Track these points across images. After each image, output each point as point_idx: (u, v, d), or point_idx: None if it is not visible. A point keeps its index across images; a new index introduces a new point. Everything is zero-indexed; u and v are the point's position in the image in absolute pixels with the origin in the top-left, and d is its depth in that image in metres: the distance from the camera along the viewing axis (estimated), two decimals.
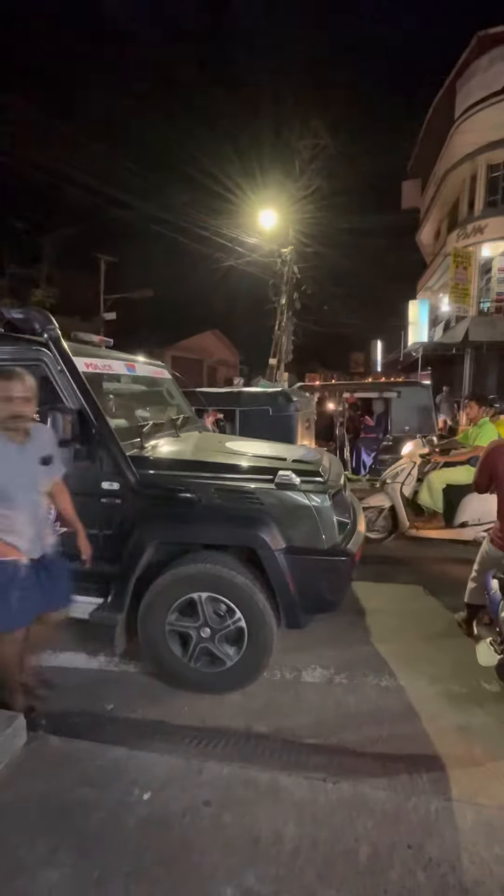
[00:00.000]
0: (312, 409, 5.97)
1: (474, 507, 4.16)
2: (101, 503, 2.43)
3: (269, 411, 4.82)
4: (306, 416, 5.31)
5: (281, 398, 4.85)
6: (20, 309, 2.44)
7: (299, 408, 4.89)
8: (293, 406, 4.80)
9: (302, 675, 2.61)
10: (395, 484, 4.48)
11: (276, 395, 4.86)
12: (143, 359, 3.59)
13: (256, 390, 5.58)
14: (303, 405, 5.07)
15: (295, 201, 13.63)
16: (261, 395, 5.12)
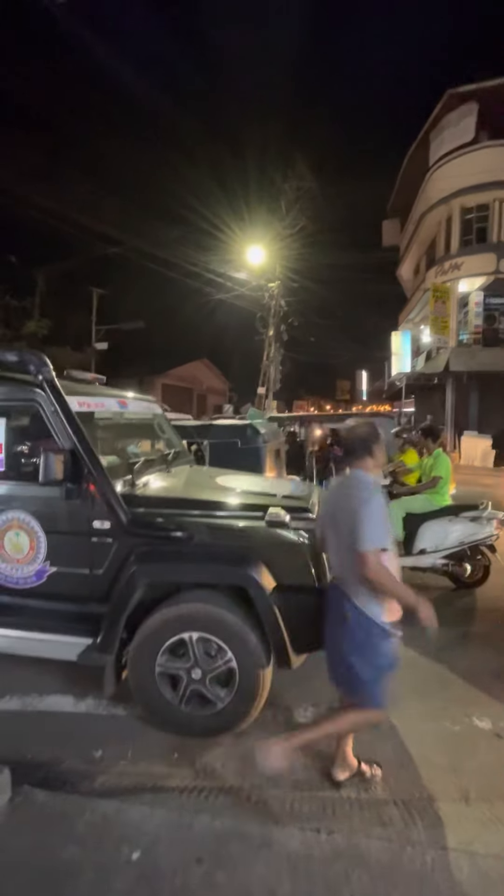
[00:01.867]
0: (281, 440, 6.05)
1: (432, 534, 4.32)
2: (91, 542, 2.43)
3: (238, 443, 4.88)
4: (275, 447, 5.38)
5: (249, 430, 4.92)
6: (15, 351, 2.49)
7: (267, 440, 4.97)
8: (261, 438, 4.89)
9: (294, 715, 2.57)
10: None
11: (245, 427, 4.93)
12: (134, 394, 3.65)
13: (226, 423, 5.63)
14: (271, 437, 5.15)
15: (281, 239, 14.21)
16: (229, 428, 5.18)
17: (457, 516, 4.34)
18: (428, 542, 4.31)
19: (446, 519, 4.34)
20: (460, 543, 4.25)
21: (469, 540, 4.24)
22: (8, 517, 2.51)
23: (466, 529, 4.26)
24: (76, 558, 2.46)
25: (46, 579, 2.51)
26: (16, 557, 2.52)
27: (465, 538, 4.25)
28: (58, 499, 2.41)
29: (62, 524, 2.46)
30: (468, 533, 4.25)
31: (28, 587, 2.54)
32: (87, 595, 2.46)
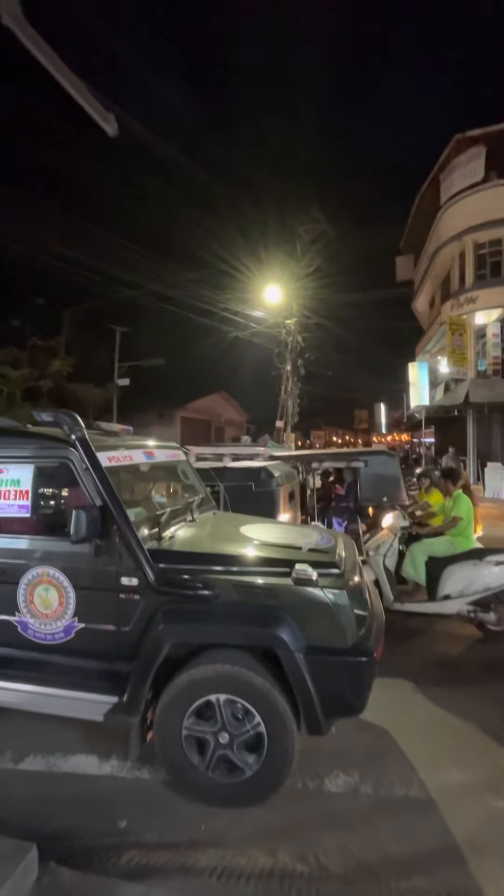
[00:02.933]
0: (295, 481, 6.03)
1: (456, 579, 4.16)
2: (119, 599, 2.44)
3: (252, 486, 4.88)
4: (289, 489, 5.36)
5: (263, 474, 4.92)
6: (50, 412, 2.60)
7: (281, 482, 4.98)
8: (275, 482, 4.89)
9: (325, 784, 2.46)
10: (378, 556, 4.44)
11: (259, 470, 4.93)
12: (159, 442, 3.73)
13: (240, 465, 5.63)
14: (284, 479, 5.15)
15: (297, 279, 14.64)
16: (243, 471, 5.17)
17: (482, 560, 4.20)
18: (452, 587, 4.17)
19: (471, 563, 4.21)
20: (486, 589, 4.10)
21: (496, 585, 4.08)
22: (38, 572, 2.55)
23: (493, 574, 4.11)
24: (104, 615, 2.47)
25: (74, 635, 2.52)
26: (45, 612, 2.54)
27: (491, 583, 4.09)
28: (87, 555, 2.45)
29: (91, 580, 2.49)
30: (495, 578, 4.10)
31: (56, 643, 2.55)
32: (114, 652, 2.45)
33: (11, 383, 17.35)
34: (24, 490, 2.68)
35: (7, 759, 2.61)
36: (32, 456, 2.68)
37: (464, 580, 4.12)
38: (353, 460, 6.33)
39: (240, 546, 2.72)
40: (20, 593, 2.57)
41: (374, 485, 6.09)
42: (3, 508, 2.69)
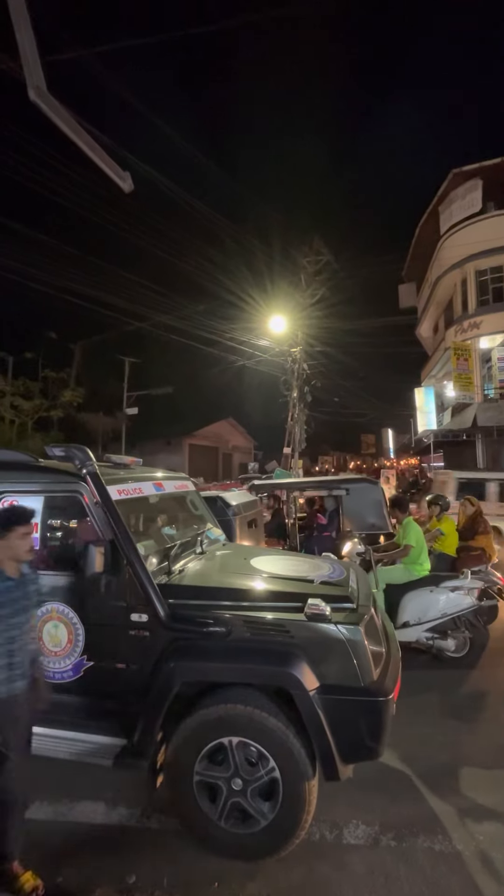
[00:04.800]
0: (257, 509, 6.03)
1: (413, 606, 4.22)
2: (129, 635, 2.40)
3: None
4: (249, 519, 5.35)
5: (220, 503, 4.92)
6: (62, 446, 2.63)
7: (237, 512, 4.98)
8: (231, 510, 4.91)
9: (343, 835, 2.33)
10: None
11: (214, 500, 4.92)
12: (168, 473, 3.74)
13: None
14: (243, 508, 5.15)
15: (302, 309, 14.94)
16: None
17: (437, 586, 4.26)
18: (410, 614, 4.24)
19: (427, 589, 4.27)
20: (443, 615, 4.17)
21: (452, 610, 4.17)
22: (47, 608, 2.53)
23: (448, 600, 4.20)
24: (113, 652, 2.43)
25: (83, 673, 2.47)
26: (53, 650, 2.51)
27: (447, 609, 4.18)
28: (97, 590, 2.43)
29: (100, 616, 2.46)
30: (450, 603, 4.18)
31: (64, 681, 2.50)
32: (124, 692, 2.39)
33: (24, 414, 17.66)
34: (34, 524, 2.68)
35: None
36: (43, 490, 2.71)
37: (421, 607, 4.22)
38: (334, 488, 6.30)
39: (250, 580, 2.69)
40: None
41: (357, 513, 6.05)
42: None
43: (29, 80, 1.39)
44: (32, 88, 1.41)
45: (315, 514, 7.43)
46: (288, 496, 7.13)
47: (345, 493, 6.13)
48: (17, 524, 2.07)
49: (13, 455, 2.93)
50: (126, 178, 1.68)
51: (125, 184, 1.68)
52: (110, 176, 1.64)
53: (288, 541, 6.75)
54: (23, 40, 1.35)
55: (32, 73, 1.40)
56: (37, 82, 1.39)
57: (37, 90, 1.41)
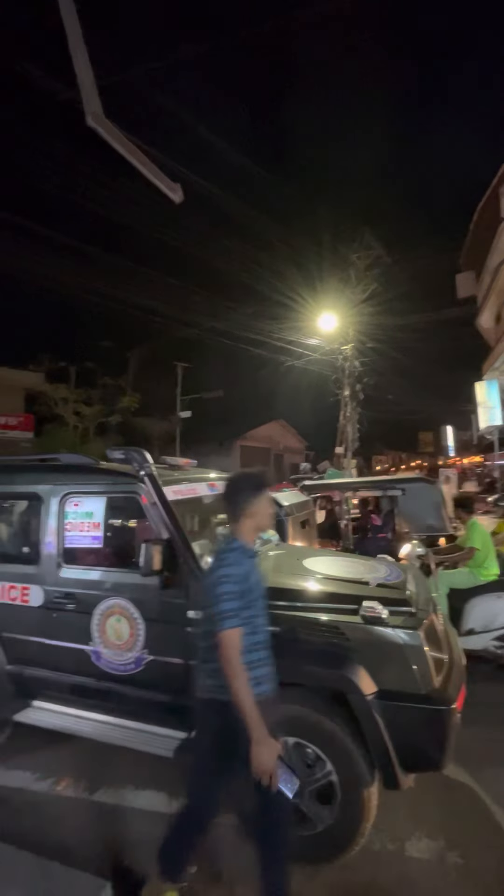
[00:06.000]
0: (310, 510, 5.90)
1: (479, 612, 3.95)
2: (187, 633, 2.47)
3: None
4: (301, 519, 5.28)
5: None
6: (121, 449, 2.78)
7: (290, 512, 4.86)
8: (283, 511, 4.84)
9: (405, 847, 2.25)
10: None
11: None
12: (222, 473, 3.81)
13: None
14: (295, 509, 5.06)
15: (353, 305, 14.62)
16: None
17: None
18: (475, 621, 3.96)
19: (494, 595, 3.99)
20: None
21: None
22: (110, 603, 2.66)
23: None
24: (172, 648, 2.51)
25: (144, 667, 2.57)
26: (117, 643, 2.63)
27: None
28: (156, 588, 2.52)
29: (159, 613, 2.55)
30: None
31: (127, 674, 2.62)
32: (183, 686, 2.45)
33: (86, 420, 18.75)
34: (96, 523, 2.84)
35: (82, 789, 2.68)
36: (104, 490, 2.86)
37: (488, 613, 3.95)
38: (389, 488, 6.08)
39: (304, 580, 2.67)
40: (94, 623, 2.68)
41: (414, 514, 5.80)
42: (78, 540, 2.87)
43: (86, 106, 1.49)
44: (90, 114, 1.50)
45: (369, 515, 7.27)
46: (341, 497, 7.01)
47: (400, 494, 5.94)
48: (266, 487, 1.86)
49: (77, 458, 3.12)
50: (176, 189, 1.74)
51: (176, 195, 1.75)
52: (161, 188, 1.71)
53: (341, 542, 6.64)
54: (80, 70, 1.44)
55: (90, 100, 1.49)
56: (94, 108, 1.48)
57: (94, 115, 1.51)
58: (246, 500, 1.80)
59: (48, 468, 3.10)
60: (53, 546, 2.87)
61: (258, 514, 1.81)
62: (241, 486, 1.86)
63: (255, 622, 1.80)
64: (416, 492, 5.93)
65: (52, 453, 3.28)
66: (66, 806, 2.57)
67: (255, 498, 1.81)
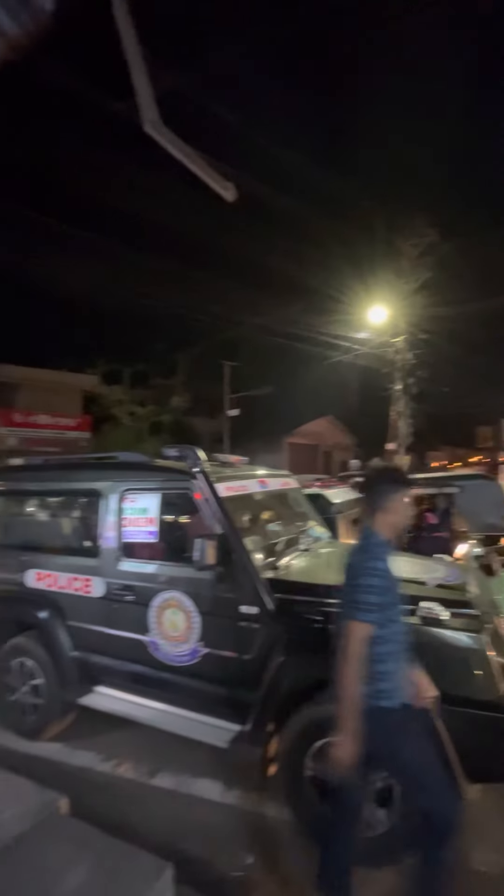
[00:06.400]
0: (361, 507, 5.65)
1: None
2: (239, 626, 2.50)
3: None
4: (352, 517, 5.12)
5: (322, 501, 4.73)
6: (176, 447, 2.86)
7: (341, 509, 4.77)
8: (334, 508, 4.70)
9: (470, 858, 2.15)
10: None
11: (316, 497, 4.74)
12: (271, 470, 3.82)
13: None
14: (346, 507, 4.92)
15: (405, 295, 14.09)
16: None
17: None
18: None
19: None
20: None
21: None
22: (166, 596, 2.75)
23: None
24: (226, 641, 2.55)
25: (199, 659, 2.64)
26: (173, 634, 2.72)
27: None
28: (209, 582, 2.58)
29: (213, 606, 2.60)
30: None
31: (183, 665, 2.69)
32: (237, 680, 2.50)
33: (139, 420, 19.49)
34: (151, 518, 2.95)
35: (143, 773, 2.80)
36: (159, 487, 2.95)
37: None
38: (445, 486, 5.79)
39: None
40: (151, 614, 2.79)
41: (472, 512, 5.50)
42: (134, 535, 2.99)
43: (144, 114, 1.54)
44: (148, 122, 1.55)
45: (423, 514, 7.01)
46: None
47: (457, 491, 5.67)
48: (405, 484, 1.80)
49: (133, 456, 3.25)
50: (229, 188, 1.76)
51: (229, 193, 1.77)
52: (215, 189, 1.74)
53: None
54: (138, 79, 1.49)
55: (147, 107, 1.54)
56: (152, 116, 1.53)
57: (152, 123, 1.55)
58: (383, 496, 1.75)
59: (107, 466, 3.26)
60: (113, 540, 3.01)
61: (395, 510, 1.74)
62: (378, 480, 1.81)
63: (392, 627, 1.70)
64: (474, 489, 5.64)
65: (109, 452, 3.44)
66: (127, 788, 2.69)
67: (392, 493, 1.75)
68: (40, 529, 3.73)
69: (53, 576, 3.19)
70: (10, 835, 1.96)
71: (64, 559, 3.22)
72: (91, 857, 1.86)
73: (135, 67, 1.51)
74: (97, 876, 1.76)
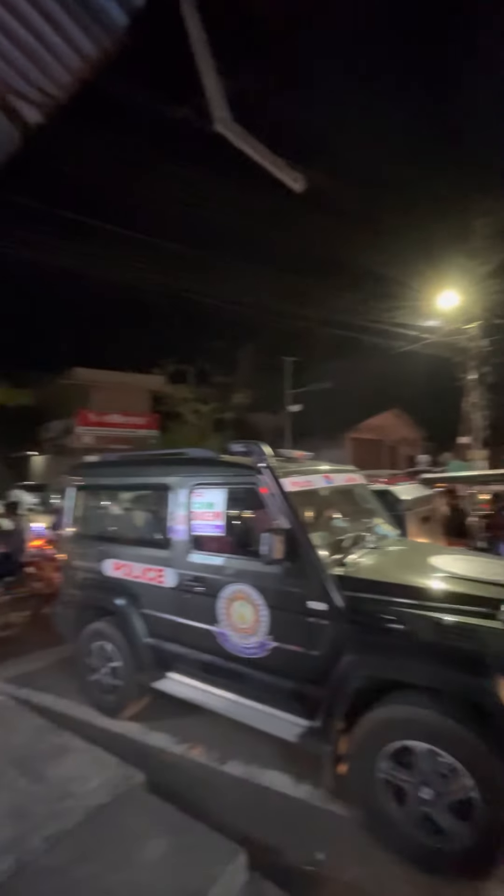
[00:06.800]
0: (432, 505, 5.30)
1: None
2: (307, 622, 2.49)
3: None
4: (422, 515, 4.84)
5: (390, 497, 4.49)
6: (241, 443, 2.90)
7: (410, 506, 4.52)
8: (402, 505, 4.45)
9: None
10: None
11: (384, 493, 4.49)
12: (337, 466, 3.75)
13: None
14: (416, 503, 4.65)
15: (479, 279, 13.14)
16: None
17: None
18: None
19: None
20: None
21: None
22: (234, 588, 2.81)
23: None
24: (294, 636, 2.55)
25: (268, 652, 2.66)
26: (242, 626, 2.76)
27: None
28: (277, 576, 2.59)
29: (280, 601, 2.61)
30: None
31: (252, 657, 2.73)
32: (305, 675, 2.49)
33: (203, 417, 20.04)
34: (218, 512, 3.01)
35: (214, 758, 2.89)
36: (226, 482, 3.01)
37: None
38: None
39: (432, 578, 2.49)
40: (220, 606, 2.86)
41: None
42: (203, 528, 3.08)
43: (214, 112, 1.57)
44: (218, 120, 1.58)
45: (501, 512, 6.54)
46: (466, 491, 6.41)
47: None
48: None
49: (201, 452, 3.34)
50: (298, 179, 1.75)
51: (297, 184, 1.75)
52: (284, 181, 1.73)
53: (470, 540, 6.09)
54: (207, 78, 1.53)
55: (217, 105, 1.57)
56: (222, 114, 1.56)
57: (222, 121, 1.58)
58: None
59: (177, 461, 3.38)
60: (183, 533, 3.12)
61: None
62: None
63: None
64: None
65: (177, 449, 3.56)
66: (199, 771, 2.79)
67: None
68: (116, 521, 3.96)
69: (129, 565, 3.38)
70: (94, 803, 2.12)
71: (138, 550, 3.40)
72: (167, 832, 1.96)
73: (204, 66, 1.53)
74: (174, 851, 1.85)
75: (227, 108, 1.58)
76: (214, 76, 1.55)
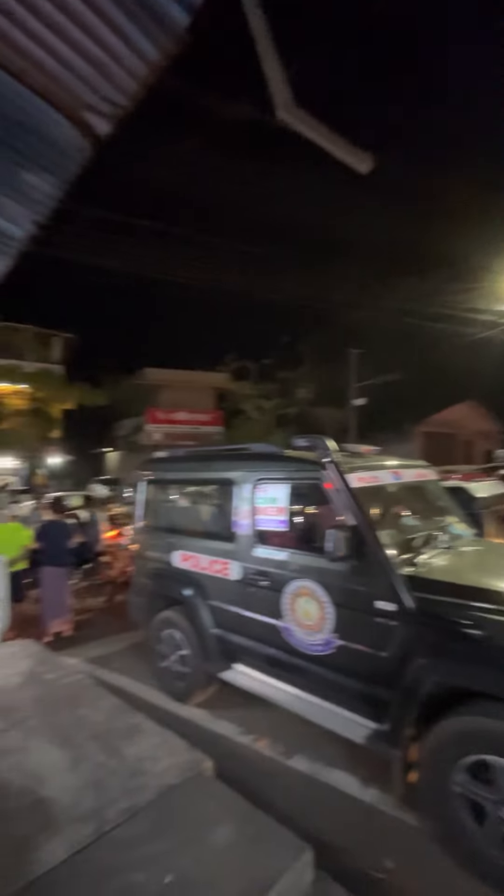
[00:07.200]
0: None
1: None
2: (375, 622, 2.40)
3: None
4: (501, 513, 4.48)
5: (464, 494, 4.21)
6: (306, 437, 2.86)
7: (487, 504, 4.21)
8: (477, 504, 4.16)
9: None
10: None
11: (458, 491, 4.20)
12: (407, 461, 3.57)
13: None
14: (493, 501, 4.34)
15: None
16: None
17: None
18: None
19: None
20: None
21: None
22: (299, 584, 2.78)
23: None
24: (360, 635, 2.48)
25: (334, 650, 2.61)
26: (306, 623, 2.74)
27: None
28: (343, 573, 2.53)
29: (346, 599, 2.55)
30: None
31: (317, 654, 2.70)
32: (373, 676, 2.41)
33: (267, 413, 20.13)
34: (281, 507, 3.00)
35: (279, 752, 2.90)
36: (290, 477, 2.99)
37: None
38: None
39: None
40: (284, 601, 2.85)
41: None
42: (267, 523, 3.08)
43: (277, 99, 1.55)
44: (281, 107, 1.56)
45: None
46: None
47: None
48: None
49: (265, 447, 3.35)
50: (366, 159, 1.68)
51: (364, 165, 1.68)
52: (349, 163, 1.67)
53: None
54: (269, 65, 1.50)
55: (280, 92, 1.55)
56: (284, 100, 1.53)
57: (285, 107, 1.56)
58: None
59: (241, 457, 3.41)
60: (247, 527, 3.15)
61: None
62: None
63: None
64: None
65: (241, 444, 3.59)
66: (264, 763, 2.82)
67: None
68: (183, 514, 4.10)
69: (196, 557, 3.48)
70: (166, 783, 2.21)
71: (204, 543, 3.49)
72: (234, 820, 1.99)
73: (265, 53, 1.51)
74: (241, 839, 1.87)
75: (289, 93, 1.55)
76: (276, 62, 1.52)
